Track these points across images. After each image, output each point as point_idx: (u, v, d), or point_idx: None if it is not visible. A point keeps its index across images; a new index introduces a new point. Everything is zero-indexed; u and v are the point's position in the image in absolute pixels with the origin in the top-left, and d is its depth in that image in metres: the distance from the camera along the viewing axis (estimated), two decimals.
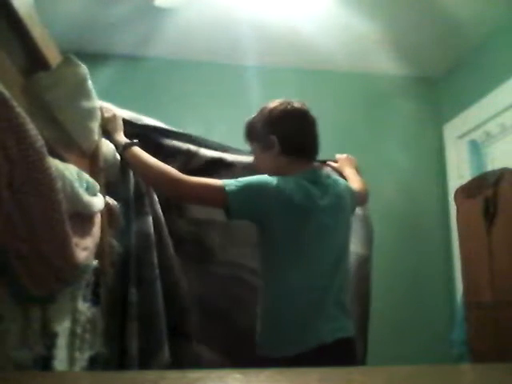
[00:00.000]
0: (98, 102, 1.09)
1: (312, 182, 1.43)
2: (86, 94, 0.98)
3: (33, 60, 0.89)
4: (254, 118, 1.59)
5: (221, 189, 1.35)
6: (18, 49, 0.86)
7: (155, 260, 1.49)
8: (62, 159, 0.92)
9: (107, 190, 1.28)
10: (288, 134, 1.49)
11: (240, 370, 0.65)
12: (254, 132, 1.57)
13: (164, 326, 1.47)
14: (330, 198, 1.45)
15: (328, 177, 1.62)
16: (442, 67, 3.22)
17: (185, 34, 2.87)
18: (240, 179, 1.39)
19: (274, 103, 1.55)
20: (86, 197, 0.89)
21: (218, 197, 1.35)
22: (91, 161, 1.16)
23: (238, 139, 3.19)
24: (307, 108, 1.57)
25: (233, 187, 1.35)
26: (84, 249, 0.87)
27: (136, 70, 3.14)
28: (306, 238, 1.39)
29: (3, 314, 0.68)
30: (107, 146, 1.31)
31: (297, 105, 1.56)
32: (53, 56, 0.93)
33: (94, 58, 2.81)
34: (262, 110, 1.57)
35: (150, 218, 1.53)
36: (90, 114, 1.05)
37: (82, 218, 0.92)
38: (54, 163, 0.74)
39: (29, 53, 0.88)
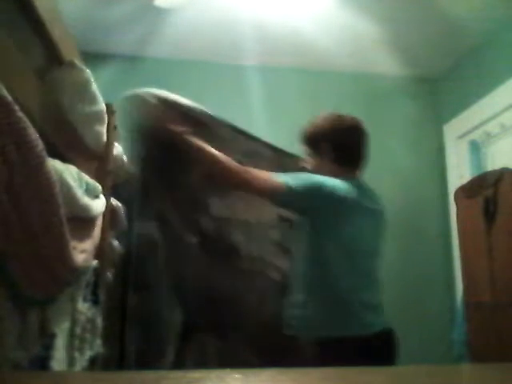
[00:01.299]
0: (103, 105, 1.08)
1: (360, 188, 1.58)
2: (90, 98, 0.98)
3: (52, 60, 0.89)
4: (311, 126, 1.70)
5: (279, 182, 1.46)
6: (38, 49, 0.86)
7: (158, 263, 1.50)
8: (70, 160, 0.92)
9: (113, 192, 1.28)
10: (340, 145, 1.61)
11: (240, 370, 0.65)
12: (310, 139, 1.69)
13: (165, 328, 1.48)
14: (375, 203, 1.63)
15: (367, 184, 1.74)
16: (442, 67, 3.22)
17: (185, 33, 2.87)
18: (299, 175, 1.53)
19: (329, 115, 1.67)
20: (84, 200, 0.89)
21: (276, 188, 1.46)
22: (100, 163, 1.17)
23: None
24: (359, 122, 1.70)
25: (292, 180, 1.47)
26: (82, 251, 0.87)
27: (136, 70, 3.13)
28: (354, 238, 1.51)
29: (1, 314, 0.68)
30: (116, 149, 1.31)
31: (349, 118, 1.67)
32: (72, 57, 0.93)
33: (94, 58, 2.81)
34: (318, 121, 1.68)
35: (154, 223, 1.53)
36: (96, 117, 1.05)
37: (81, 220, 0.92)
38: (53, 164, 0.74)
39: (48, 53, 0.88)
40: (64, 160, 0.86)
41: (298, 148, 3.13)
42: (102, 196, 1.06)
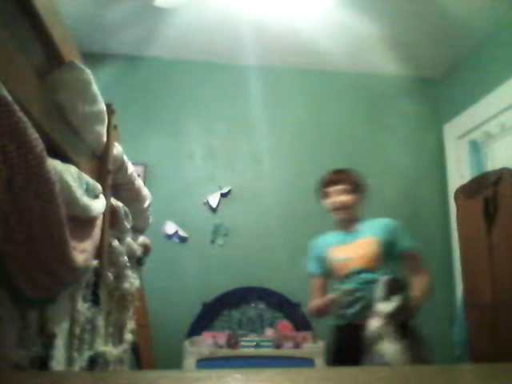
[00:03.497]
0: (103, 105, 1.08)
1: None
2: (90, 98, 0.97)
3: (52, 60, 0.89)
4: (356, 174, 2.17)
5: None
6: (38, 49, 0.86)
7: None
8: (70, 160, 0.92)
9: (113, 192, 1.27)
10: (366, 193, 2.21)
11: (240, 370, 0.65)
12: (358, 183, 2.14)
13: None
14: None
15: None
16: (442, 67, 3.22)
17: (185, 33, 2.87)
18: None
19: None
20: (84, 200, 0.89)
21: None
22: (100, 163, 1.17)
23: (238, 138, 3.20)
24: None
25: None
26: (82, 251, 0.87)
27: (136, 69, 3.14)
28: None
29: (1, 314, 0.68)
30: (116, 149, 1.31)
31: None
32: (72, 57, 0.93)
33: (94, 58, 2.82)
34: (354, 173, 2.17)
35: None
36: (96, 117, 1.04)
37: (81, 220, 0.92)
38: (54, 164, 0.74)
39: (48, 53, 0.88)
40: (64, 160, 0.86)
41: (296, 146, 3.14)
42: (101, 196, 1.06)
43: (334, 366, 1.89)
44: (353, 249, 2.04)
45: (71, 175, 0.84)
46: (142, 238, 1.69)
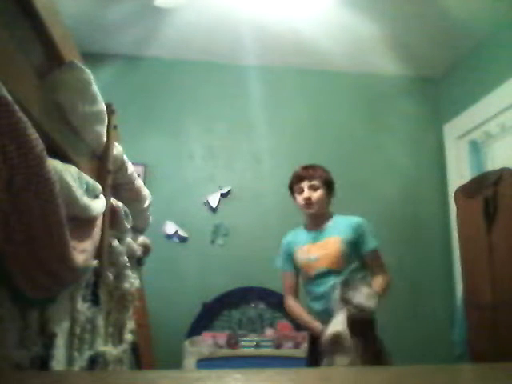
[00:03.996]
0: (103, 105, 1.08)
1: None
2: (90, 99, 0.97)
3: (52, 60, 0.89)
4: (326, 171, 2.16)
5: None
6: (38, 49, 0.86)
7: None
8: (70, 160, 0.92)
9: (113, 192, 1.27)
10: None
11: (240, 370, 0.65)
12: (328, 180, 2.14)
13: None
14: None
15: None
16: (442, 67, 3.22)
17: (185, 33, 2.87)
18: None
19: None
20: (84, 200, 0.89)
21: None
22: (100, 163, 1.17)
23: (238, 138, 3.20)
24: None
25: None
26: (82, 251, 0.87)
27: (136, 69, 3.14)
28: None
29: (1, 314, 0.68)
30: (116, 149, 1.31)
31: None
32: (72, 57, 0.93)
33: (94, 58, 2.82)
34: (323, 169, 2.16)
35: None
36: (96, 117, 1.04)
37: (81, 220, 0.92)
38: (54, 164, 0.74)
39: (48, 53, 0.88)
40: (64, 160, 0.86)
41: (296, 146, 3.14)
42: (101, 196, 1.06)
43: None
44: (319, 248, 2.04)
45: (71, 175, 0.84)
46: (141, 238, 1.69)
